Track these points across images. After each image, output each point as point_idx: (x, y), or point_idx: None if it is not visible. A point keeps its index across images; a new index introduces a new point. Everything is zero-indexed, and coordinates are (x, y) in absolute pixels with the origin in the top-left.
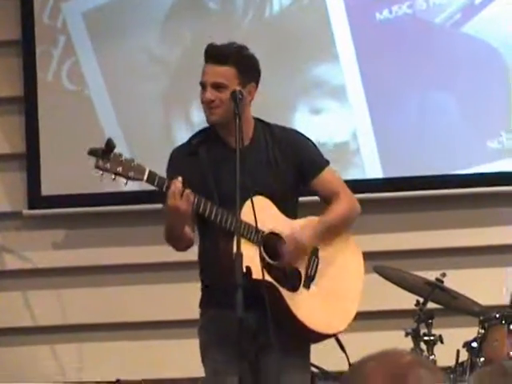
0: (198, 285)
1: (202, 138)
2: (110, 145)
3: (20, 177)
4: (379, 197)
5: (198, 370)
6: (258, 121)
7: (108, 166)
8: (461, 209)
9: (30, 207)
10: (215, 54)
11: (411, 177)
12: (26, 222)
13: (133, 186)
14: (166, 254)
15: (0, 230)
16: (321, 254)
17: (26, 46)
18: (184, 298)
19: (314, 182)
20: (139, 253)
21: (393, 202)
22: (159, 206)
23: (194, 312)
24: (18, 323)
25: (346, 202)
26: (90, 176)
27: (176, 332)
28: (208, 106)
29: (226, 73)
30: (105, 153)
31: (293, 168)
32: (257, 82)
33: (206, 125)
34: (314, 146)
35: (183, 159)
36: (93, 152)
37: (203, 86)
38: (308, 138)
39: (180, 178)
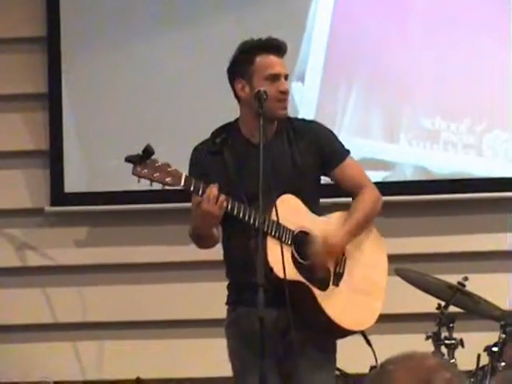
0: (220, 284)
1: (225, 135)
2: (148, 151)
3: (43, 173)
4: (402, 200)
5: (219, 370)
6: None
7: (145, 172)
8: (484, 213)
9: (53, 204)
10: (280, 47)
11: (434, 180)
12: (48, 219)
13: (155, 185)
14: (188, 253)
15: (22, 226)
16: (348, 249)
17: (51, 43)
18: (206, 297)
19: (335, 171)
20: (161, 251)
21: (416, 205)
22: (181, 205)
23: (215, 311)
24: (39, 320)
25: (370, 195)
26: (113, 174)
27: (197, 331)
28: (285, 98)
29: (286, 65)
30: (142, 159)
31: (315, 159)
32: None
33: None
34: (335, 136)
35: (206, 158)
36: (130, 159)
37: (277, 77)
38: (329, 129)
39: (216, 184)
